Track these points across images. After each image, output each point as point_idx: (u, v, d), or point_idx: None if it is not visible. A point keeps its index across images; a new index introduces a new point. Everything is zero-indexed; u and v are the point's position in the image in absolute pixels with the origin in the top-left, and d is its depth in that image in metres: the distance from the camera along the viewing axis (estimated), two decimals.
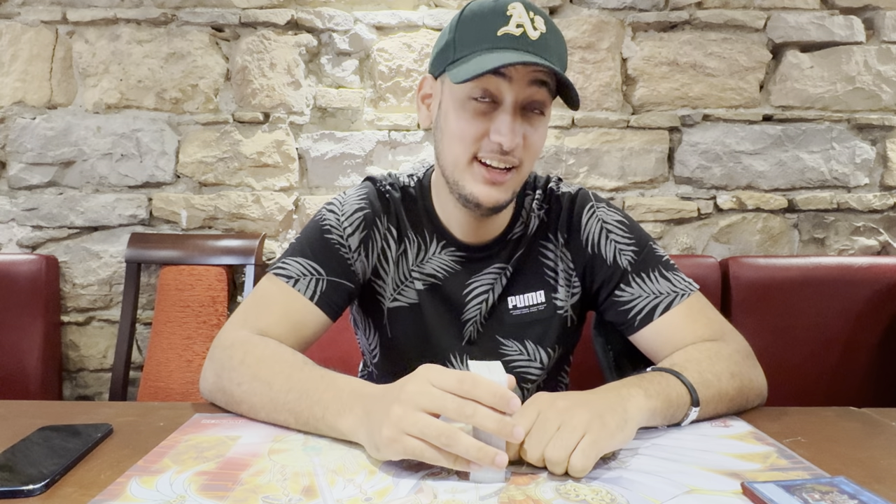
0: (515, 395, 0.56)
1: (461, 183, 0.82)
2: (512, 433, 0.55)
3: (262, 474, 0.58)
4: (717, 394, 0.73)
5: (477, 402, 0.55)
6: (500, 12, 0.77)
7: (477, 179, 0.81)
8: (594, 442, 0.57)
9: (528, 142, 0.80)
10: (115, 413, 0.75)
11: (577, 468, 0.56)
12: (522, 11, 0.76)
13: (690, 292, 0.87)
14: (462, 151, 0.80)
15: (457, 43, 0.79)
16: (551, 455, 0.57)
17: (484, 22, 0.77)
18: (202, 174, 1.83)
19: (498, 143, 0.78)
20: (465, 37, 0.78)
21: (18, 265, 1.74)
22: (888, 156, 1.83)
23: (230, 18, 1.79)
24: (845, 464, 0.61)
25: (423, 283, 0.92)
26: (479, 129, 0.79)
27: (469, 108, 0.79)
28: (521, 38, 0.75)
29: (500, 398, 0.55)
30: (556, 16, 1.81)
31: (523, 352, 0.94)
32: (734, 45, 1.81)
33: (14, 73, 1.81)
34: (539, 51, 0.76)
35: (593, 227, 0.92)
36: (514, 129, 0.77)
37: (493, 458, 0.54)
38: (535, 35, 0.76)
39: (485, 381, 0.56)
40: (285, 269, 0.86)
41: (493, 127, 0.78)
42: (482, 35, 0.77)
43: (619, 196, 1.85)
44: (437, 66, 0.83)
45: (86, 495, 0.54)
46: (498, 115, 0.78)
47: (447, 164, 0.84)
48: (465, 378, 0.56)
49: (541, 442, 0.58)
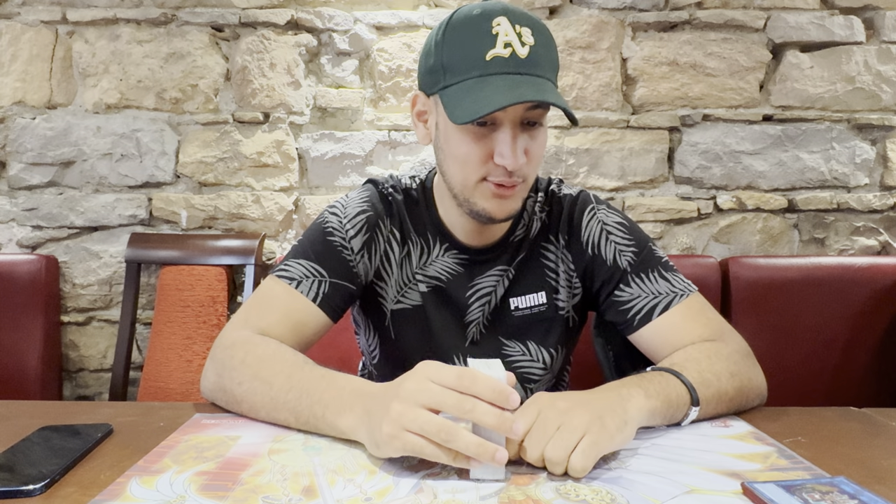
0: (515, 391, 0.56)
1: (472, 200, 0.83)
2: (511, 429, 0.55)
3: (262, 474, 0.58)
4: (717, 393, 0.73)
5: (476, 397, 0.55)
6: (485, 31, 0.74)
7: (487, 196, 0.81)
8: (594, 443, 0.57)
9: (530, 154, 0.80)
10: (115, 413, 0.75)
11: (577, 468, 0.56)
12: (508, 27, 0.74)
13: (689, 293, 0.87)
14: (470, 174, 0.80)
15: (445, 66, 0.77)
16: (551, 455, 0.57)
17: (471, 43, 0.75)
18: (202, 174, 1.83)
19: (503, 166, 0.78)
20: (452, 59, 0.77)
21: (18, 265, 1.74)
22: (888, 156, 1.83)
23: (230, 18, 1.79)
24: (845, 464, 0.61)
25: (427, 286, 0.93)
26: (482, 152, 0.79)
27: (470, 132, 0.78)
28: (510, 60, 0.74)
29: (500, 394, 0.55)
30: (556, 16, 1.81)
31: (526, 352, 0.94)
32: (734, 45, 1.81)
33: (14, 73, 1.81)
34: (530, 69, 0.74)
35: (594, 228, 0.93)
36: (517, 149, 0.77)
37: (493, 454, 0.54)
38: (525, 52, 0.74)
39: (484, 376, 0.56)
40: (288, 271, 0.86)
41: (497, 150, 0.77)
42: (470, 60, 0.75)
43: (619, 196, 1.85)
44: (428, 85, 0.82)
45: (86, 495, 0.54)
46: (498, 137, 0.77)
47: (454, 184, 0.84)
48: (464, 374, 0.56)
49: (540, 441, 0.58)
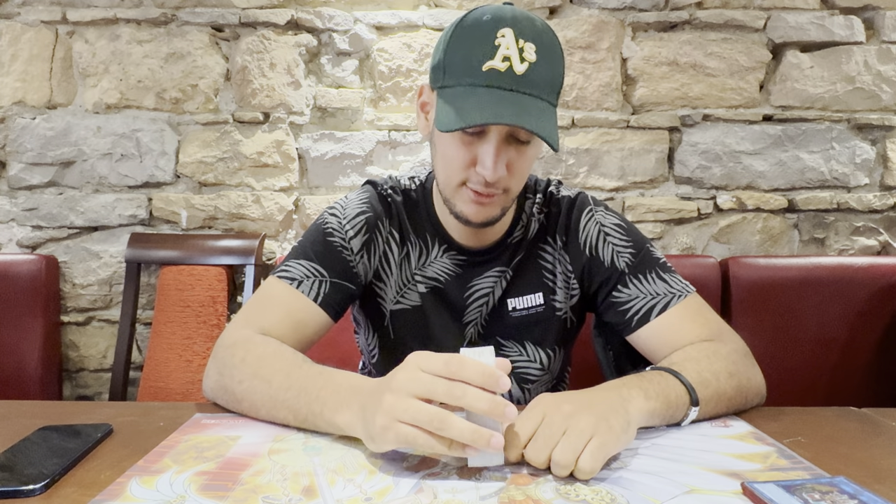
0: (504, 375, 0.56)
1: (452, 201, 0.84)
2: (504, 412, 0.54)
3: (262, 474, 0.58)
4: (716, 393, 0.73)
5: (466, 383, 0.55)
6: (489, 40, 0.74)
7: (466, 200, 0.82)
8: (602, 444, 0.57)
9: (513, 169, 0.80)
10: (115, 413, 0.75)
11: (586, 471, 0.56)
12: (511, 40, 0.74)
13: (687, 293, 0.87)
14: (453, 175, 0.82)
15: (446, 66, 0.78)
16: (559, 458, 0.57)
17: (472, 49, 0.75)
18: (202, 174, 1.83)
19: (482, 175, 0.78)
20: (453, 61, 0.77)
21: (18, 265, 1.74)
22: (888, 156, 1.83)
23: (230, 18, 1.79)
24: (845, 464, 0.61)
25: (426, 286, 0.93)
26: (466, 157, 0.79)
27: (458, 136, 0.79)
28: (505, 75, 0.73)
29: (489, 377, 0.55)
30: (556, 16, 1.81)
31: (523, 353, 0.95)
32: (734, 45, 1.81)
33: (14, 73, 1.81)
34: (524, 86, 0.74)
35: (591, 230, 0.93)
36: (498, 161, 0.77)
37: (488, 440, 0.54)
38: (522, 69, 0.73)
39: (472, 361, 0.56)
40: (289, 272, 0.87)
41: (479, 159, 0.78)
42: (468, 66, 0.75)
43: (619, 196, 1.85)
44: (432, 80, 0.83)
45: (86, 495, 0.54)
46: (483, 147, 0.77)
47: (441, 181, 0.86)
48: (451, 360, 0.56)
49: (547, 445, 0.58)
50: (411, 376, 0.57)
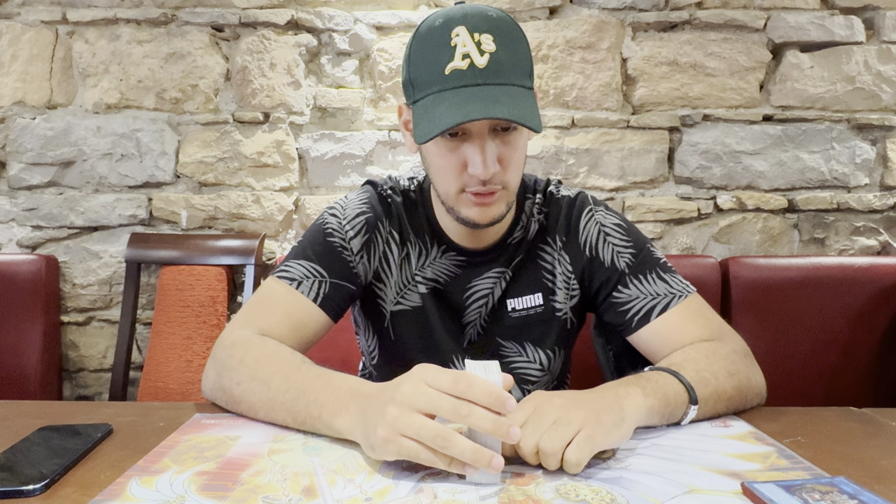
0: (511, 396, 0.56)
1: (456, 208, 0.84)
2: (508, 434, 0.55)
3: (262, 474, 0.58)
4: (715, 392, 0.73)
5: (472, 402, 0.55)
6: (445, 42, 0.74)
7: (469, 205, 0.82)
8: (589, 437, 0.57)
9: (505, 160, 0.79)
10: (115, 413, 0.75)
11: (572, 462, 0.56)
12: (466, 37, 0.73)
13: (688, 294, 0.87)
14: (449, 184, 0.82)
15: (413, 80, 0.78)
16: (545, 446, 0.57)
17: (432, 56, 0.75)
18: (202, 174, 1.83)
19: (476, 176, 0.78)
20: (418, 73, 0.77)
21: (18, 265, 1.74)
22: (888, 156, 1.83)
23: (230, 18, 1.79)
24: (845, 464, 0.61)
25: (426, 287, 0.93)
26: (456, 163, 0.79)
27: (442, 145, 0.79)
28: (468, 72, 0.73)
29: (496, 399, 0.55)
30: (556, 16, 1.81)
31: (522, 353, 0.94)
32: (734, 45, 1.81)
33: (14, 73, 1.81)
34: (490, 77, 0.73)
35: (591, 230, 0.93)
36: (488, 158, 0.77)
37: (489, 460, 0.54)
38: (483, 62, 0.73)
39: (480, 381, 0.56)
40: (288, 272, 0.87)
41: (468, 160, 0.78)
42: (432, 73, 0.75)
43: (619, 196, 1.85)
44: (406, 97, 0.83)
45: (86, 495, 0.54)
46: (468, 148, 0.78)
47: (440, 193, 0.85)
48: (460, 378, 0.56)
49: (535, 433, 0.58)
50: (417, 391, 0.57)
